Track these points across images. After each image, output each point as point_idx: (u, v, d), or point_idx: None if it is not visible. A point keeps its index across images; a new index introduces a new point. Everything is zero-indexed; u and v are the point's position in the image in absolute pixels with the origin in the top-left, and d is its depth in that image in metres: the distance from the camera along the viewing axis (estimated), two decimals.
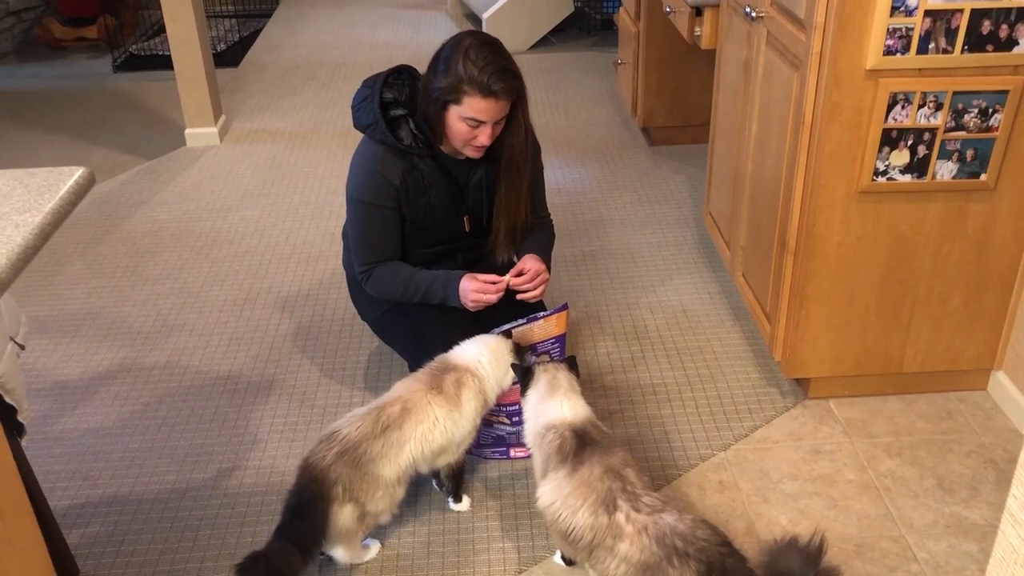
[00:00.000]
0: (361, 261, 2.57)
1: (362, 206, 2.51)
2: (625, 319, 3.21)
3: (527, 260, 2.52)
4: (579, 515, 1.95)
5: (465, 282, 2.46)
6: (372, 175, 2.46)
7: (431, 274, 2.53)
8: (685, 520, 1.88)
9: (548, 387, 2.11)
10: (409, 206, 2.49)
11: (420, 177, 2.48)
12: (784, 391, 2.81)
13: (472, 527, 2.37)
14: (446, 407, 2.22)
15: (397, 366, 2.96)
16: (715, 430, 2.67)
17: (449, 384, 2.25)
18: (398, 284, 2.54)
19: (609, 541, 1.89)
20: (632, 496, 1.93)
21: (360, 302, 2.87)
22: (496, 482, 2.52)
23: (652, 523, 1.88)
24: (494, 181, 2.55)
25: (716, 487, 2.47)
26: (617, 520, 1.90)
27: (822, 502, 2.40)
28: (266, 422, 2.79)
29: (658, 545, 1.84)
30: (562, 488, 1.99)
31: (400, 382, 2.31)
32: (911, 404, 2.73)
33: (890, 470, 2.49)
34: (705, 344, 3.05)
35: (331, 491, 2.09)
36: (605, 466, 1.98)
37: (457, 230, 2.65)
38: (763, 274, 2.79)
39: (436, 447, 2.23)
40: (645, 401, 2.80)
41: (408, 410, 2.19)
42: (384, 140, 2.42)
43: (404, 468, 2.18)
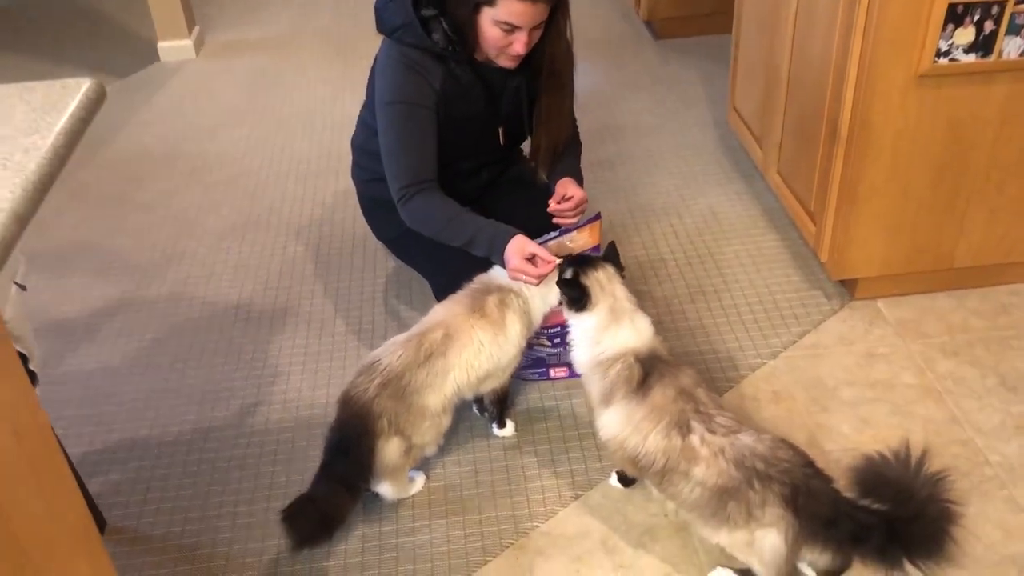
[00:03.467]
0: (400, 181, 2.25)
1: (401, 108, 2.21)
2: (652, 226, 3.04)
3: (569, 186, 2.31)
4: (650, 439, 1.82)
5: (511, 251, 2.09)
6: (411, 74, 2.19)
7: (478, 222, 2.21)
8: (764, 440, 1.75)
9: (610, 313, 1.92)
10: (448, 115, 2.26)
11: (458, 84, 2.24)
12: (829, 293, 2.68)
13: (519, 453, 2.24)
14: (490, 331, 2.06)
15: (418, 288, 2.78)
16: (761, 338, 2.54)
17: (492, 306, 2.08)
18: (440, 220, 2.22)
19: (683, 465, 1.76)
20: (705, 417, 1.80)
21: (376, 220, 2.67)
22: (539, 403, 2.38)
23: (729, 444, 1.75)
24: (532, 91, 2.33)
25: (770, 397, 2.35)
26: (691, 443, 1.77)
27: (883, 408, 2.29)
28: (285, 353, 2.62)
29: (736, 468, 1.72)
30: (632, 415, 1.85)
31: (439, 305, 2.14)
32: (962, 300, 2.61)
33: (949, 371, 2.38)
34: (740, 248, 2.90)
35: (376, 425, 1.94)
36: (677, 388, 1.84)
37: (490, 143, 2.44)
38: (807, 171, 2.62)
39: (482, 373, 2.08)
40: (684, 310, 2.66)
41: (451, 336, 2.03)
42: (418, 43, 2.17)
43: (449, 397, 2.04)
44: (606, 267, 1.98)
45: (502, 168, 2.58)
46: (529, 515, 2.08)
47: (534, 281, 2.07)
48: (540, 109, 2.33)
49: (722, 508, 1.73)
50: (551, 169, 2.42)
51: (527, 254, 2.07)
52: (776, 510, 1.69)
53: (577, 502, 2.10)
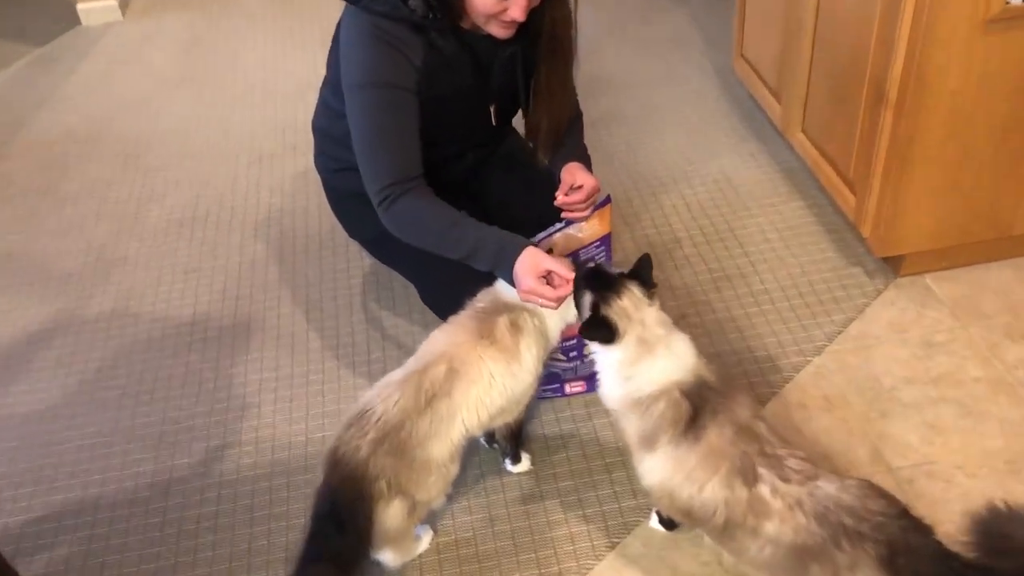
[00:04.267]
0: (380, 181, 1.85)
1: (376, 91, 1.82)
2: (660, 196, 2.69)
3: (577, 173, 1.94)
4: (708, 490, 1.51)
5: (522, 267, 1.72)
6: (386, 49, 1.80)
7: (480, 231, 1.81)
8: (849, 488, 1.44)
9: (639, 345, 1.58)
10: (430, 94, 1.87)
11: (441, 57, 1.86)
12: (870, 270, 2.36)
13: (539, 493, 1.92)
14: (503, 360, 1.72)
15: (402, 290, 2.42)
16: (802, 330, 2.22)
17: (503, 329, 1.73)
18: (432, 229, 1.84)
19: (751, 520, 1.46)
20: (774, 461, 1.49)
21: (348, 217, 2.29)
22: (555, 427, 2.05)
23: (807, 495, 1.44)
24: (529, 61, 1.94)
25: (822, 404, 2.04)
26: (760, 494, 1.46)
27: (952, 410, 1.99)
28: (252, 378, 2.25)
29: (819, 523, 1.41)
30: (683, 462, 1.53)
31: (439, 332, 1.78)
32: (1020, 271, 2.31)
33: (1020, 359, 2.09)
34: (764, 221, 2.56)
35: (373, 489, 1.60)
36: (735, 425, 1.52)
37: (479, 123, 2.06)
38: (843, 134, 2.27)
39: (494, 410, 1.74)
40: (709, 300, 2.33)
41: (456, 370, 1.68)
42: (392, 11, 1.77)
43: (458, 443, 1.70)
44: (630, 289, 1.62)
45: (492, 148, 2.20)
46: (559, 573, 1.76)
47: (552, 305, 1.71)
48: (539, 83, 1.95)
49: (801, 570, 1.43)
50: (554, 152, 2.04)
51: (541, 271, 1.71)
52: (871, 573, 1.39)
53: (613, 553, 1.79)
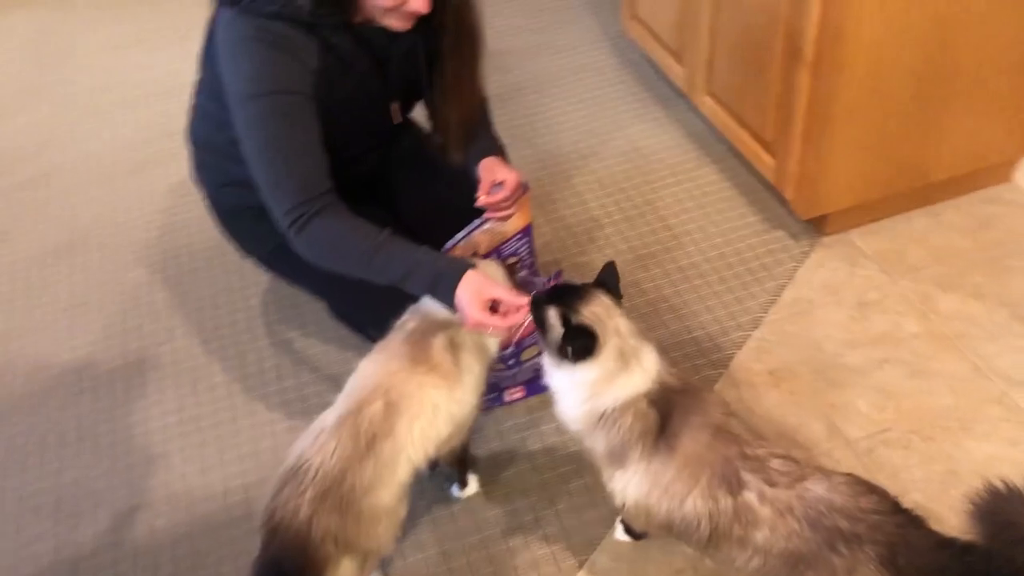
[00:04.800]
0: (287, 201, 1.63)
1: (271, 101, 1.61)
2: (571, 176, 2.56)
3: (497, 169, 1.79)
4: (689, 503, 1.40)
5: (465, 295, 1.54)
6: (278, 54, 1.59)
7: (412, 254, 1.62)
8: (838, 486, 1.35)
9: (619, 359, 1.45)
10: (329, 99, 1.67)
11: (337, 57, 1.66)
12: (794, 232, 2.30)
13: (494, 517, 1.78)
14: (444, 386, 1.56)
15: (308, 305, 2.22)
16: (735, 302, 2.14)
17: (440, 352, 1.57)
18: (355, 253, 1.63)
19: (738, 530, 1.35)
20: (756, 464, 1.38)
21: (239, 235, 2.07)
22: (499, 440, 1.91)
23: (796, 499, 1.34)
24: (430, 52, 1.76)
25: (769, 380, 1.97)
26: (746, 502, 1.35)
27: (897, 371, 1.95)
28: (155, 425, 2.02)
29: (813, 529, 1.32)
30: (659, 477, 1.42)
31: (368, 362, 1.60)
32: (939, 217, 2.29)
33: (953, 310, 2.06)
34: (680, 191, 2.46)
35: (319, 554, 1.42)
36: (710, 428, 1.41)
37: (380, 123, 1.88)
38: (757, 96, 2.18)
39: (441, 441, 1.59)
40: (638, 282, 2.22)
41: (395, 405, 1.51)
42: (280, 10, 1.56)
43: (405, 483, 1.54)
44: (599, 296, 1.49)
45: (395, 148, 2.02)
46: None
47: (505, 335, 1.56)
48: (446, 76, 1.77)
49: None
50: (467, 147, 1.88)
51: (486, 300, 1.54)
52: (866, 573, 1.31)
53: (581, 573, 1.68)
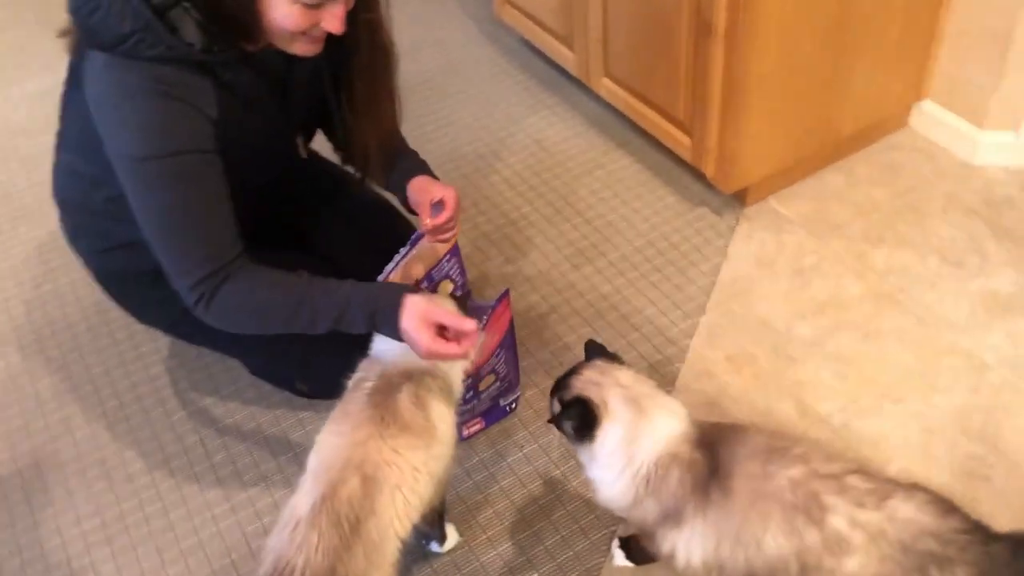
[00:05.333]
0: (189, 275, 1.44)
1: (167, 163, 1.39)
2: (473, 178, 2.41)
3: (432, 187, 1.65)
4: (768, 545, 1.25)
5: (411, 324, 1.40)
6: (170, 106, 1.37)
7: (340, 292, 1.46)
8: (925, 507, 1.23)
9: (630, 406, 1.32)
10: (232, 143, 1.47)
11: (236, 96, 1.45)
12: (716, 207, 2.24)
13: (482, 567, 1.64)
14: (421, 445, 1.40)
15: (218, 367, 2.00)
16: (676, 290, 2.06)
17: (408, 407, 1.41)
18: (275, 314, 1.47)
19: (829, 562, 1.23)
20: (833, 482, 1.25)
21: (135, 302, 1.85)
22: (467, 481, 1.76)
23: (888, 521, 1.22)
24: (337, 73, 1.57)
25: (727, 367, 1.91)
26: (835, 529, 1.22)
27: (849, 336, 1.93)
28: (71, 534, 1.76)
29: (905, 553, 1.21)
30: (725, 524, 1.28)
31: (329, 434, 1.42)
32: (851, 173, 2.29)
33: (886, 264, 2.06)
34: (593, 181, 2.36)
35: None
36: (761, 454, 1.29)
37: (286, 159, 1.68)
38: (667, 73, 2.10)
39: (425, 503, 1.43)
40: (572, 281, 2.11)
41: (372, 478, 1.34)
42: (167, 52, 1.34)
43: (396, 559, 1.38)
44: (592, 363, 1.39)
45: (305, 183, 1.83)
46: None
47: (460, 360, 1.42)
48: (358, 99, 1.59)
49: None
50: (389, 172, 1.71)
51: (432, 324, 1.40)
52: None
53: None
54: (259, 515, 1.75)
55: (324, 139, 1.77)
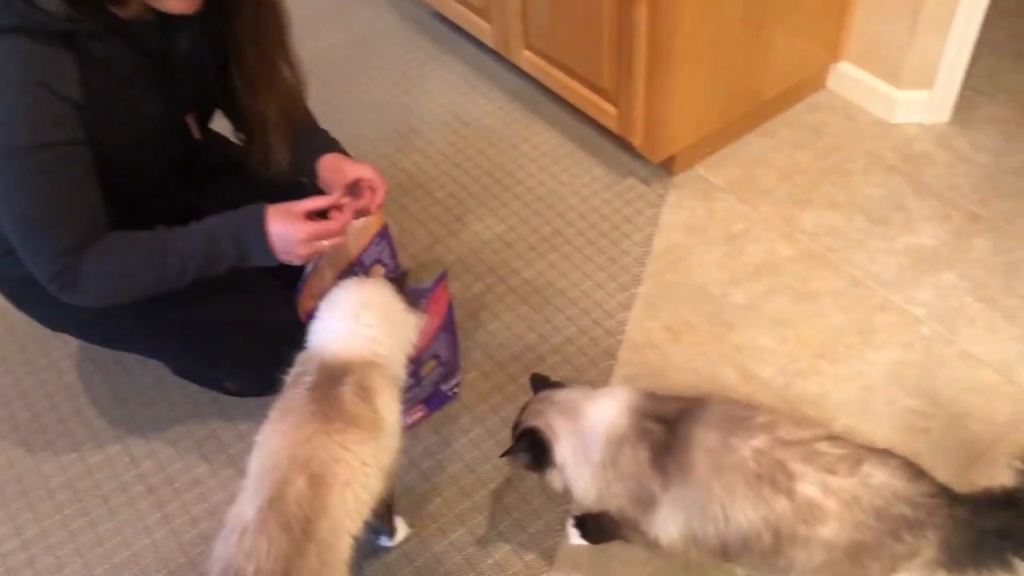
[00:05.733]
0: (49, 264, 1.39)
1: (24, 157, 1.31)
2: (395, 159, 2.34)
3: (346, 166, 1.58)
4: (737, 517, 1.24)
5: (279, 227, 1.43)
6: (24, 93, 1.28)
7: (198, 232, 1.44)
8: (897, 472, 1.23)
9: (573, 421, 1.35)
10: (101, 127, 1.37)
11: (104, 70, 1.36)
12: (644, 177, 2.22)
13: (435, 557, 1.59)
14: (369, 438, 1.34)
15: (139, 369, 1.90)
16: (611, 263, 2.04)
17: (350, 399, 1.34)
18: (144, 272, 1.43)
19: (803, 530, 1.22)
20: (802, 448, 1.24)
21: (40, 308, 1.71)
22: (415, 472, 1.71)
23: (861, 487, 1.21)
24: (223, 42, 1.48)
25: (668, 336, 1.90)
26: (806, 496, 1.21)
27: (785, 299, 1.94)
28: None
29: (879, 519, 1.20)
30: (690, 500, 1.26)
31: (271, 433, 1.34)
32: (773, 136, 2.30)
33: (815, 225, 2.08)
34: (517, 155, 2.32)
35: None
36: (722, 425, 1.27)
37: (177, 142, 1.58)
38: (590, 43, 2.05)
39: (376, 498, 1.38)
40: (507, 261, 2.06)
41: (320, 476, 1.27)
42: (23, 22, 1.24)
43: (348, 555, 1.32)
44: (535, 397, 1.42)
45: (202, 169, 1.72)
46: None
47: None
48: (249, 65, 1.50)
49: (856, 569, 1.23)
50: (296, 148, 1.62)
51: (300, 214, 1.43)
52: (926, 558, 1.22)
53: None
54: (195, 522, 1.66)
55: None
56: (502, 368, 1.86)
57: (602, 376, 1.83)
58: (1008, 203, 2.07)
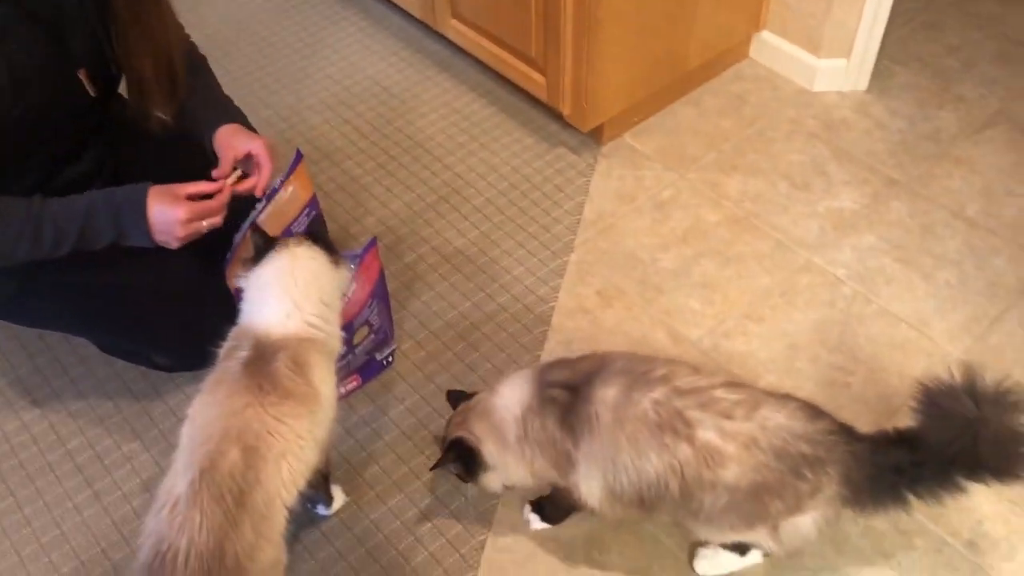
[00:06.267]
0: None
1: None
2: (323, 131, 2.31)
3: (237, 139, 1.57)
4: (646, 467, 1.29)
5: (159, 207, 1.44)
6: None
7: (75, 205, 1.45)
8: (795, 414, 1.29)
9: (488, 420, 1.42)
10: None
11: None
12: (573, 147, 2.24)
13: (374, 524, 1.60)
14: (304, 412, 1.33)
15: (62, 347, 1.86)
16: (543, 231, 2.06)
17: (285, 372, 1.33)
18: (16, 237, 1.42)
19: (707, 474, 1.27)
20: (699, 396, 1.29)
21: None
22: (351, 441, 1.71)
23: (759, 430, 1.27)
24: None
25: (599, 302, 1.92)
26: (705, 441, 1.26)
27: (711, 263, 1.99)
28: None
29: (779, 458, 1.26)
30: (600, 455, 1.31)
31: (202, 406, 1.33)
32: (698, 104, 2.34)
33: (740, 191, 2.12)
34: (446, 124, 2.31)
35: None
36: (620, 382, 1.32)
37: (73, 103, 1.53)
38: (518, 11, 2.05)
39: (311, 469, 1.37)
40: (438, 230, 2.06)
41: (254, 448, 1.27)
42: None
43: (283, 526, 1.32)
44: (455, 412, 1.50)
45: (114, 132, 1.67)
46: None
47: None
48: (121, 17, 1.47)
49: (759, 508, 1.29)
50: (181, 107, 1.59)
51: (181, 196, 1.46)
52: (829, 493, 1.29)
53: (486, 551, 1.55)
54: (127, 498, 1.64)
55: None
56: (436, 337, 1.87)
57: (536, 342, 1.85)
58: (923, 167, 2.14)
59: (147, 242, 1.47)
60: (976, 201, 2.06)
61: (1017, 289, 1.89)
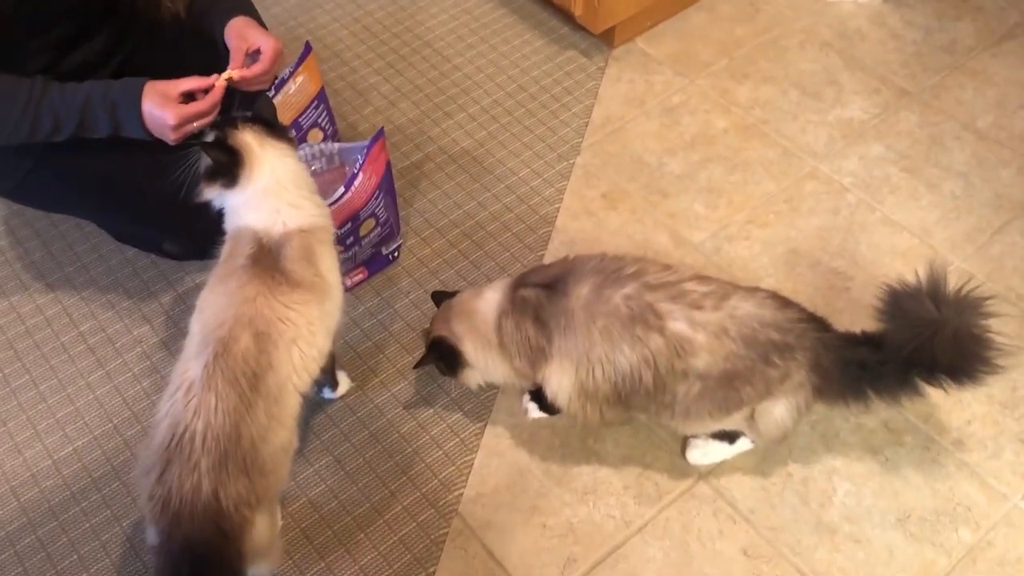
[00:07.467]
0: None
1: None
2: (327, 26, 2.30)
3: (249, 33, 1.53)
4: (620, 359, 1.33)
5: (151, 108, 1.43)
6: None
7: (75, 95, 1.44)
8: (764, 303, 1.34)
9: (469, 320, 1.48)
10: None
11: None
12: (584, 49, 2.23)
13: (377, 408, 1.65)
14: (314, 300, 1.36)
15: (75, 235, 1.89)
16: (550, 133, 2.06)
17: (295, 260, 1.35)
18: (14, 118, 1.43)
19: (679, 364, 1.32)
20: (670, 290, 1.33)
21: None
22: (356, 331, 1.75)
23: (729, 319, 1.31)
24: None
25: (604, 203, 1.94)
26: (676, 332, 1.31)
27: (719, 168, 1.99)
28: None
29: (748, 346, 1.30)
30: (575, 350, 1.35)
31: (210, 293, 1.35)
32: (714, 12, 2.31)
33: (751, 99, 2.11)
34: (457, 25, 2.29)
35: (234, 524, 1.23)
36: (592, 281, 1.35)
37: None
38: None
39: (323, 356, 1.41)
40: (446, 130, 2.07)
41: (266, 334, 1.29)
42: None
43: (298, 413, 1.36)
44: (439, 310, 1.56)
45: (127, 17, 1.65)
46: (441, 485, 1.55)
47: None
48: None
49: (732, 394, 1.35)
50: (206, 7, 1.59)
51: (175, 96, 1.44)
52: (799, 379, 1.34)
53: (485, 436, 1.60)
54: (138, 379, 1.69)
55: None
56: (441, 234, 1.89)
57: (540, 242, 1.87)
58: (935, 78, 2.13)
59: (144, 136, 1.47)
60: (989, 113, 2.05)
61: (1023, 201, 1.89)
